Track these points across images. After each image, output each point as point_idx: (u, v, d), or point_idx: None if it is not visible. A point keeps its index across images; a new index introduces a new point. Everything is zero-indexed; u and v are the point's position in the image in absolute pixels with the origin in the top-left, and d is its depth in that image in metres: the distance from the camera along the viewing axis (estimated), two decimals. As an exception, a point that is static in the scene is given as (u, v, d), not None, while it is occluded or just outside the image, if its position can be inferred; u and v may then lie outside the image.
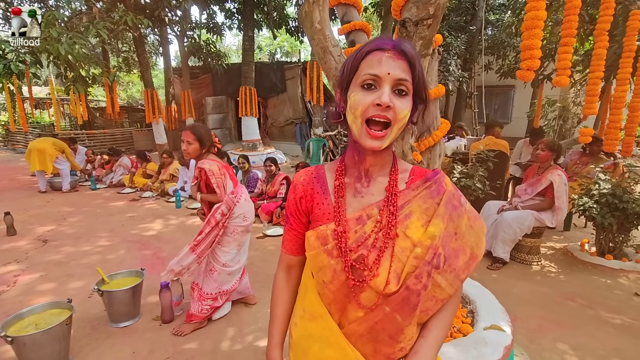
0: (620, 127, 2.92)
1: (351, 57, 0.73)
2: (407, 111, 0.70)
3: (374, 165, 0.78)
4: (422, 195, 0.77)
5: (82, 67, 7.29)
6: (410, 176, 0.81)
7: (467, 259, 0.77)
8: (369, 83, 0.69)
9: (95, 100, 17.20)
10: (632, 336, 2.33)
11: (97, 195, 6.33)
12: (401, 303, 0.72)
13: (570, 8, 1.99)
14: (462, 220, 0.77)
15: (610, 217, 3.16)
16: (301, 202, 0.83)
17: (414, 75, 0.70)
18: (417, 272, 0.72)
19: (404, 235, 0.73)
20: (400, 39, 0.72)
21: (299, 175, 0.86)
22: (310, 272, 0.83)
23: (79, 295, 2.75)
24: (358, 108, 0.69)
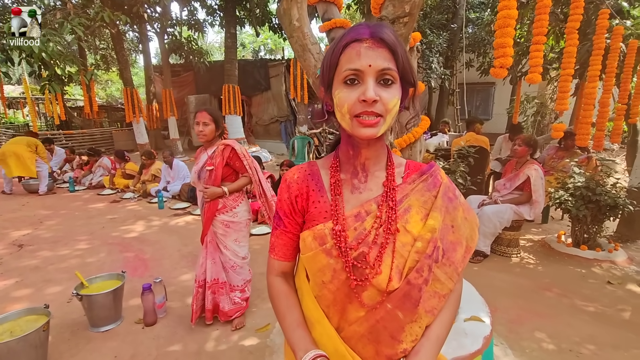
0: (591, 122, 3.03)
1: (329, 52, 0.70)
2: (395, 100, 0.67)
3: (369, 158, 0.76)
4: (420, 189, 0.75)
5: (57, 65, 7.05)
6: (405, 170, 0.79)
7: (463, 252, 0.76)
8: (351, 78, 0.66)
9: (72, 99, 16.66)
10: (605, 323, 2.44)
11: (76, 198, 6.15)
12: (402, 299, 0.70)
13: (541, 7, 2.05)
14: (457, 213, 0.77)
15: (585, 209, 3.28)
16: (297, 201, 0.79)
17: (398, 62, 0.66)
18: (418, 266, 0.70)
19: (404, 230, 0.72)
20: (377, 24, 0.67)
21: (291, 173, 0.82)
22: (305, 275, 0.79)
23: (57, 301, 2.67)
24: (344, 106, 0.66)
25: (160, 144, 12.15)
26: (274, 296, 0.83)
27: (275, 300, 0.82)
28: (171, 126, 10.35)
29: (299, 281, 0.83)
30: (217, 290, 2.35)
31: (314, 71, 1.58)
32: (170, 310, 2.57)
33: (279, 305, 0.81)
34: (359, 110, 0.65)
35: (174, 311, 2.57)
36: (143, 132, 9.04)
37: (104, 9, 6.80)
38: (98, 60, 13.38)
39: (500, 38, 1.65)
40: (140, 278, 3.06)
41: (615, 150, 8.63)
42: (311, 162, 0.83)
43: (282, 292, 0.82)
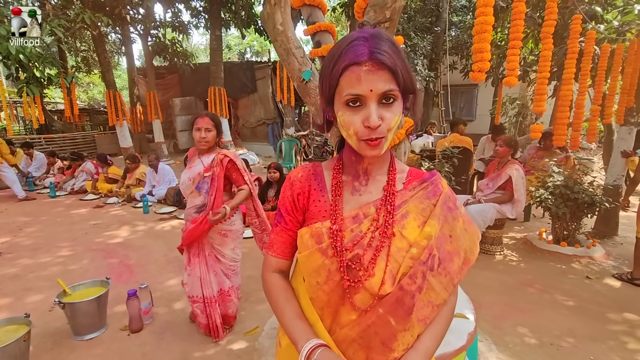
0: (567, 123, 3.15)
1: (327, 70, 0.69)
2: (397, 117, 0.68)
3: (372, 164, 0.78)
4: (419, 196, 0.76)
5: (35, 67, 6.87)
6: (407, 177, 0.81)
7: (460, 263, 0.76)
8: (353, 101, 0.66)
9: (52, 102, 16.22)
10: (584, 316, 2.53)
11: (57, 203, 5.99)
12: (395, 304, 0.70)
13: (516, 13, 2.13)
14: (457, 223, 0.77)
15: (564, 207, 3.40)
16: (298, 199, 0.80)
17: (399, 80, 0.66)
18: (411, 272, 0.70)
19: (400, 235, 0.72)
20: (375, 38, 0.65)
21: (296, 171, 0.84)
22: (301, 277, 0.80)
23: (38, 310, 2.60)
24: (350, 128, 0.68)
25: (145, 148, 11.94)
26: (271, 291, 0.82)
27: (272, 295, 0.82)
28: (156, 129, 10.19)
29: (295, 283, 0.84)
30: (225, 299, 2.30)
31: (298, 75, 1.60)
32: (156, 316, 2.53)
33: (277, 299, 0.80)
34: (366, 137, 0.67)
35: (160, 317, 2.54)
36: (127, 135, 8.86)
37: (85, 10, 6.65)
38: (79, 62, 13.07)
39: (478, 43, 1.71)
40: (126, 284, 3.00)
41: (592, 150, 8.93)
42: (316, 162, 0.85)
43: (279, 287, 0.82)
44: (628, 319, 2.50)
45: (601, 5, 4.28)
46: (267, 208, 4.47)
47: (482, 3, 1.70)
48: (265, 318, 2.48)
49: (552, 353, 2.14)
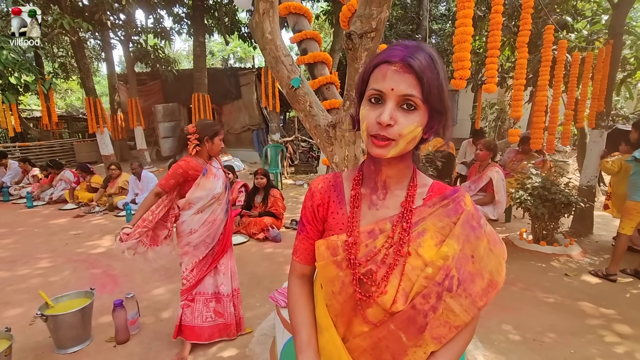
0: (543, 127, 3.31)
1: (366, 66, 0.72)
2: (413, 127, 0.66)
3: (390, 177, 0.76)
4: (438, 214, 0.74)
5: (11, 73, 6.66)
6: (429, 192, 0.77)
7: (485, 285, 0.72)
8: (376, 97, 0.68)
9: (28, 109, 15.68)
10: (564, 312, 2.63)
11: (35, 213, 5.78)
12: (406, 322, 0.70)
13: (494, 24, 2.24)
14: (480, 243, 0.73)
15: (542, 208, 3.54)
16: (318, 210, 0.81)
17: (423, 89, 0.65)
18: (425, 292, 0.69)
19: (415, 254, 0.71)
20: (415, 46, 0.67)
21: (316, 182, 0.84)
22: (319, 284, 0.82)
23: (18, 324, 2.50)
24: (364, 122, 0.69)
25: (127, 155, 11.69)
26: (290, 296, 0.88)
27: (290, 300, 0.87)
28: (138, 136, 10.01)
29: (315, 288, 0.87)
30: (237, 297, 2.34)
31: (287, 82, 1.63)
32: (143, 326, 2.48)
33: (291, 305, 0.87)
34: (374, 132, 0.67)
35: (147, 327, 2.49)
36: (108, 142, 8.66)
37: (64, 15, 6.51)
38: (56, 68, 12.73)
39: (458, 52, 1.79)
40: (110, 295, 2.93)
41: (567, 152, 9.31)
42: (337, 173, 0.86)
43: (297, 293, 0.87)
44: (604, 313, 2.62)
45: (571, 15, 4.52)
46: (254, 214, 4.46)
47: (462, 14, 1.78)
48: (254, 325, 2.47)
49: (535, 348, 2.22)
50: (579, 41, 4.15)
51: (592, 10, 4.82)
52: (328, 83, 1.97)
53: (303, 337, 0.80)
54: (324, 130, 1.65)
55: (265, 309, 2.68)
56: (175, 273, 3.35)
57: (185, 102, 11.30)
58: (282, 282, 2.98)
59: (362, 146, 1.66)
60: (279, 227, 4.49)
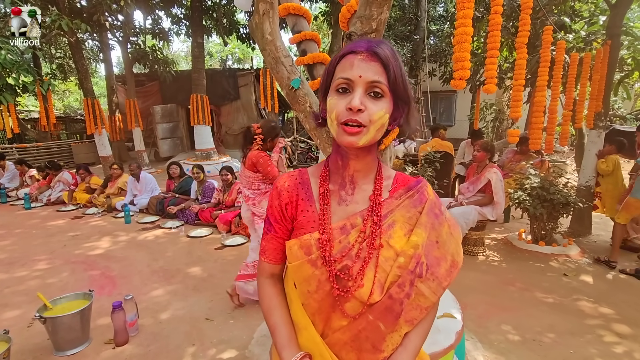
0: (542, 127, 3.32)
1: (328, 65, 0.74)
2: (382, 113, 0.69)
3: (358, 170, 0.78)
4: (405, 205, 0.77)
5: (9, 74, 6.62)
6: (393, 184, 0.81)
7: (448, 267, 0.77)
8: (343, 87, 0.69)
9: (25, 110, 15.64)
10: (562, 312, 2.63)
11: (32, 215, 5.76)
12: (384, 312, 0.73)
13: (493, 25, 2.25)
14: (443, 229, 0.78)
15: (541, 208, 3.55)
16: (287, 209, 0.81)
17: (389, 76, 0.68)
18: (400, 281, 0.72)
19: (387, 245, 0.74)
20: (376, 40, 0.71)
21: (282, 180, 0.83)
22: (292, 283, 0.81)
23: (16, 326, 2.49)
24: (333, 112, 0.70)
25: (125, 156, 11.66)
26: (263, 297, 0.86)
27: (264, 301, 0.85)
28: (136, 137, 9.98)
29: (287, 288, 0.85)
30: None
31: (287, 83, 1.63)
32: (142, 328, 2.47)
33: (267, 305, 0.84)
34: (345, 118, 0.68)
35: (146, 329, 2.48)
36: (106, 144, 8.62)
37: (62, 16, 6.49)
38: (54, 69, 12.68)
39: (458, 53, 1.80)
40: (109, 296, 2.92)
41: (565, 153, 9.34)
42: (302, 169, 0.85)
43: (270, 293, 0.85)
44: (603, 313, 2.63)
45: (569, 16, 4.53)
46: (253, 215, 4.45)
47: (461, 15, 1.79)
48: (254, 326, 2.46)
49: (534, 348, 2.23)
50: (577, 42, 4.17)
51: (590, 11, 4.84)
52: (327, 84, 1.97)
53: (283, 335, 0.79)
54: (324, 131, 1.65)
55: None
56: (174, 274, 3.34)
57: (184, 103, 11.28)
58: (281, 283, 2.98)
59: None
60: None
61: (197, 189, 5.29)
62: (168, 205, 5.22)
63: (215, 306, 2.73)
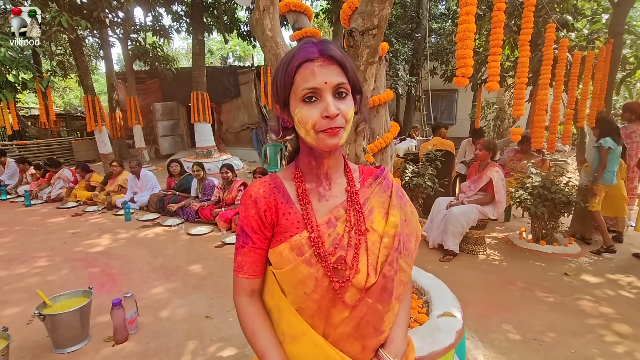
0: (544, 126, 3.30)
1: (281, 72, 0.72)
2: (352, 110, 0.73)
3: (331, 167, 0.81)
4: (377, 191, 0.83)
5: (9, 71, 6.62)
6: (361, 175, 0.86)
7: (415, 241, 0.86)
8: (309, 96, 0.69)
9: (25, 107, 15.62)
10: (563, 311, 2.63)
11: (33, 212, 5.75)
12: (380, 292, 0.76)
13: (496, 22, 2.23)
14: (407, 208, 0.87)
15: (542, 207, 3.53)
16: (266, 216, 0.78)
17: (348, 75, 0.72)
18: (389, 260, 0.77)
19: (371, 229, 0.78)
20: (323, 41, 0.72)
21: (255, 188, 0.80)
22: (279, 292, 0.79)
23: (15, 323, 2.49)
24: (308, 123, 0.70)
25: (125, 154, 11.65)
26: (245, 318, 0.81)
27: (246, 322, 0.80)
28: (136, 135, 9.97)
29: (274, 299, 0.81)
30: None
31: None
32: (142, 326, 2.47)
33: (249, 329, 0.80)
34: (324, 127, 0.69)
35: (146, 326, 2.47)
36: (106, 141, 8.61)
37: (62, 13, 6.47)
38: (54, 66, 12.66)
39: (461, 50, 1.78)
40: (108, 294, 2.92)
41: (566, 152, 9.31)
42: (273, 174, 0.84)
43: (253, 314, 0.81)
44: (604, 312, 2.62)
45: (572, 14, 4.51)
46: (254, 213, 4.44)
47: (464, 12, 1.77)
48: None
49: (535, 348, 2.22)
50: (580, 40, 4.14)
51: (593, 10, 4.81)
52: (328, 81, 1.95)
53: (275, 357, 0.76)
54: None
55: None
56: (174, 272, 3.33)
57: (184, 101, 11.26)
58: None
59: (362, 144, 1.65)
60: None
61: (197, 186, 5.29)
62: (168, 202, 5.22)
63: (215, 304, 2.73)
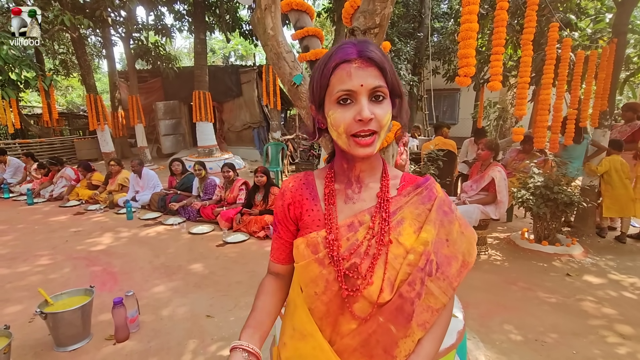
0: (546, 126, 3.28)
1: (318, 73, 0.71)
2: (388, 115, 0.69)
3: (364, 171, 0.78)
4: (414, 202, 0.76)
5: (11, 70, 6.64)
6: (401, 182, 0.80)
7: (459, 266, 0.75)
8: (344, 98, 0.67)
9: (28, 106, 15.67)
10: (565, 312, 2.61)
11: (35, 210, 5.77)
12: (395, 312, 0.70)
13: (498, 21, 2.22)
14: (453, 227, 0.76)
15: (544, 207, 3.52)
16: (289, 209, 0.80)
17: (387, 78, 0.68)
18: (410, 279, 0.70)
19: (396, 242, 0.72)
20: (363, 41, 0.69)
21: (287, 181, 0.84)
22: (299, 288, 0.79)
23: (17, 321, 2.50)
24: (340, 126, 0.68)
25: (127, 153, 11.68)
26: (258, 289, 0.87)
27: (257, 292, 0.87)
28: (138, 134, 10.00)
29: (293, 293, 0.83)
30: None
31: (289, 79, 1.61)
32: (143, 325, 2.47)
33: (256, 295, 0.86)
34: (356, 130, 0.67)
35: (147, 325, 2.48)
36: (108, 140, 8.64)
37: (64, 12, 6.49)
38: (57, 65, 12.70)
39: (463, 49, 1.78)
40: (110, 292, 2.92)
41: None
42: (308, 172, 0.85)
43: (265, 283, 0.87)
44: (606, 313, 2.60)
45: (575, 13, 4.48)
46: (255, 212, 4.45)
47: (466, 11, 1.76)
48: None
49: (537, 349, 2.21)
50: (583, 40, 4.12)
51: (596, 9, 4.79)
52: (330, 80, 1.94)
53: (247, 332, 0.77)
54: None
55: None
56: (175, 271, 3.34)
57: (186, 100, 11.28)
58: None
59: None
60: (279, 225, 4.48)
61: (199, 185, 5.29)
62: (170, 201, 5.23)
63: (216, 303, 2.73)
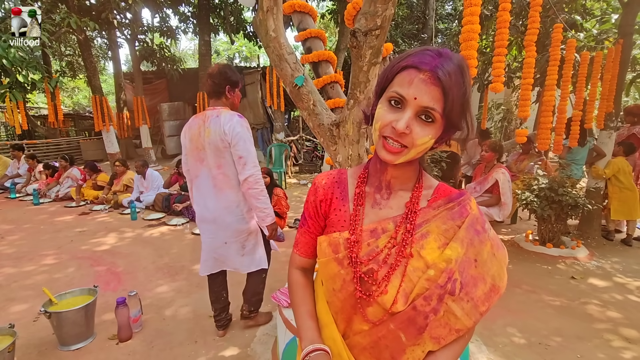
0: (550, 127, 3.26)
1: (390, 65, 0.69)
2: (427, 138, 0.66)
3: (395, 177, 0.76)
4: (442, 216, 0.73)
5: (19, 72, 6.72)
6: (434, 194, 0.77)
7: (487, 290, 0.71)
8: (396, 100, 0.66)
9: (35, 107, 15.86)
10: (570, 315, 2.59)
11: (41, 210, 5.83)
12: (406, 322, 0.70)
13: (501, 22, 2.21)
14: (484, 247, 0.72)
15: (549, 209, 3.49)
16: (321, 206, 0.82)
17: (447, 103, 0.63)
18: (426, 294, 0.69)
19: (418, 255, 0.71)
20: (447, 57, 0.64)
21: (320, 177, 0.85)
22: (320, 280, 0.83)
23: (22, 320, 2.52)
24: (379, 122, 0.68)
25: (132, 153, 11.77)
26: (291, 287, 0.88)
27: (291, 291, 0.88)
28: (143, 135, 10.07)
29: (316, 285, 0.87)
30: None
31: (290, 80, 1.62)
32: (146, 324, 2.49)
33: (294, 296, 0.86)
34: (387, 133, 0.67)
35: (150, 325, 2.49)
36: (113, 141, 8.70)
37: (71, 14, 6.56)
38: (64, 66, 12.84)
39: (465, 50, 1.77)
40: (114, 292, 2.94)
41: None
42: (342, 169, 0.86)
43: (299, 284, 0.88)
44: (611, 317, 2.57)
45: (580, 14, 4.45)
46: (258, 213, 4.45)
47: (468, 12, 1.76)
48: (257, 324, 2.46)
49: (540, 352, 2.19)
50: (588, 40, 4.09)
51: (602, 10, 4.74)
52: (332, 82, 1.96)
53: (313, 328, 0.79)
54: (328, 129, 1.63)
55: (268, 308, 2.67)
56: (179, 271, 3.35)
57: (191, 101, 11.35)
58: (284, 281, 2.97)
59: (365, 145, 1.64)
60: (282, 226, 4.48)
61: (202, 186, 5.31)
62: (174, 202, 5.25)
63: (219, 304, 2.74)
